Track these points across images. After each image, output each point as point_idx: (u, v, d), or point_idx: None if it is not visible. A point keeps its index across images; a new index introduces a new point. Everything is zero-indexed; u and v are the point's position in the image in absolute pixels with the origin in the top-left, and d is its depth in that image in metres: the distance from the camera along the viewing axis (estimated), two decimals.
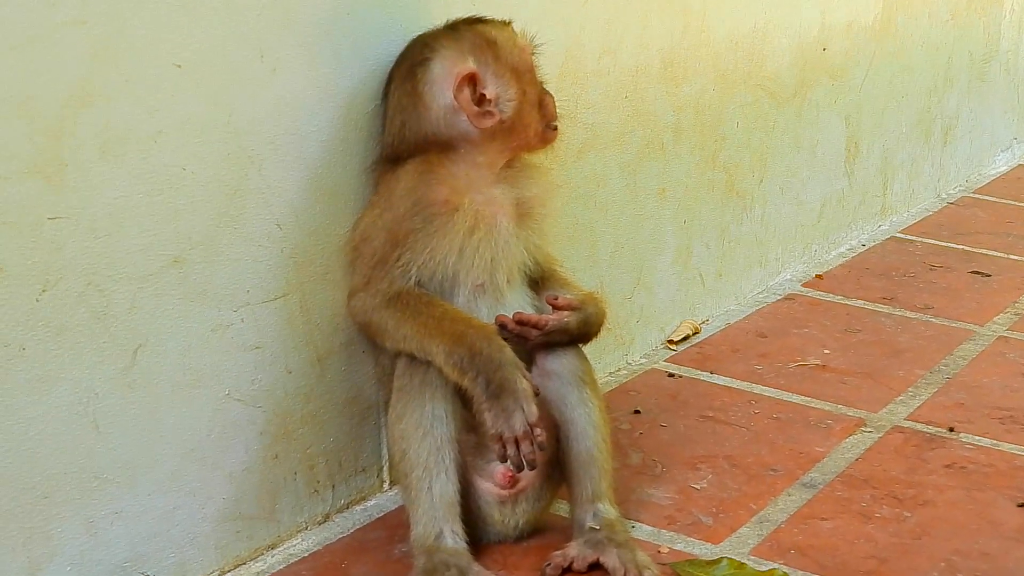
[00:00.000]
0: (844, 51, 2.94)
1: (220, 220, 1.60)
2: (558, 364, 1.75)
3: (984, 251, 3.12)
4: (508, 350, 1.64)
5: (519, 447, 1.61)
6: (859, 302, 2.76)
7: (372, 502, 1.89)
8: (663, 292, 2.46)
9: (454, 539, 1.66)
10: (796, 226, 2.88)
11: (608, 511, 1.74)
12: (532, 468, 1.64)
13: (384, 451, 1.89)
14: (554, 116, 1.77)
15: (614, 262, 2.31)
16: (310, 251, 1.73)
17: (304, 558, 1.75)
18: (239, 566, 1.72)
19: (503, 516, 1.74)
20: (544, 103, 1.76)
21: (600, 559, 1.71)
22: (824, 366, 2.43)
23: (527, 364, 1.69)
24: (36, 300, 1.42)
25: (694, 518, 1.88)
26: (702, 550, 1.80)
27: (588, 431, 1.74)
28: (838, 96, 2.95)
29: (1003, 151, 3.96)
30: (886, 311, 2.72)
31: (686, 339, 2.50)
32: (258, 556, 1.74)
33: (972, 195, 3.61)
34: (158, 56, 1.49)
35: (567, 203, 2.14)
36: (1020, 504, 1.95)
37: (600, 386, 1.82)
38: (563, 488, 1.79)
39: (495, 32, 1.72)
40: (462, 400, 1.67)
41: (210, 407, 1.64)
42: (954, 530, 1.87)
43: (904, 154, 3.32)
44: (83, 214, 1.45)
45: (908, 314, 2.70)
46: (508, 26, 1.75)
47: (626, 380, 2.33)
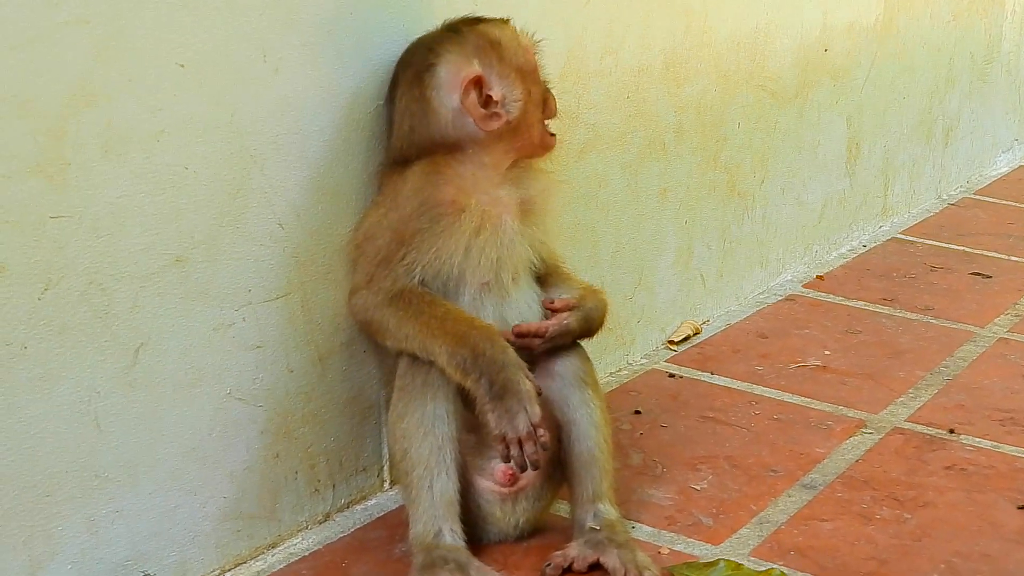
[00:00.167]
0: (846, 52, 2.94)
1: (222, 219, 1.60)
2: (560, 365, 1.75)
3: (985, 252, 3.12)
4: (511, 351, 1.64)
5: (522, 448, 1.61)
6: (860, 303, 2.76)
7: (373, 501, 1.89)
8: (664, 292, 2.46)
9: (453, 537, 1.66)
10: (797, 227, 2.88)
11: (609, 511, 1.75)
12: (535, 468, 1.64)
13: (385, 450, 1.89)
14: (554, 113, 1.77)
15: (615, 262, 2.31)
16: (312, 250, 1.73)
17: (304, 557, 1.75)
18: (240, 565, 1.72)
19: (504, 514, 1.75)
20: (547, 102, 1.76)
21: (600, 559, 1.71)
22: (825, 367, 2.43)
23: (530, 364, 1.69)
24: (38, 299, 1.42)
25: (694, 519, 1.88)
26: (702, 551, 1.80)
27: (589, 431, 1.74)
28: (839, 97, 2.95)
29: (1004, 152, 3.96)
30: (887, 312, 2.72)
31: (687, 339, 2.50)
32: (259, 555, 1.75)
33: (973, 196, 3.61)
34: (160, 55, 1.49)
35: (568, 203, 2.14)
36: (1020, 506, 1.95)
37: (601, 386, 1.82)
38: (564, 488, 1.79)
39: (497, 32, 1.72)
40: (463, 400, 1.67)
41: (211, 406, 1.64)
42: (954, 532, 1.87)
43: (905, 155, 3.32)
44: (85, 213, 1.45)
45: (909, 315, 2.70)
46: (509, 25, 1.75)
47: (627, 380, 2.33)
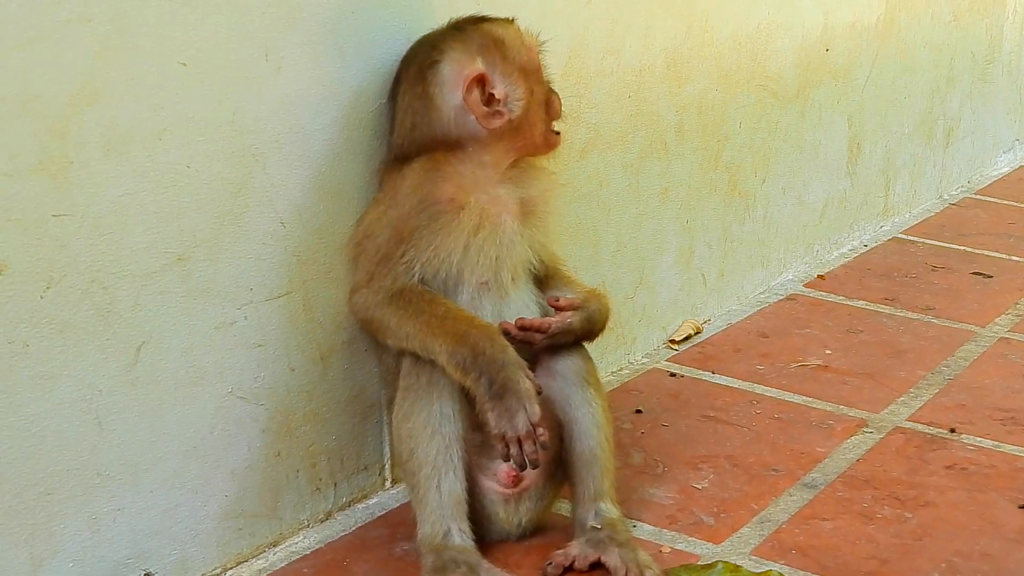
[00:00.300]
0: (847, 52, 2.94)
1: (224, 218, 1.61)
2: (562, 364, 1.75)
3: (986, 252, 3.12)
4: (511, 350, 1.64)
5: (522, 447, 1.61)
6: (861, 303, 2.76)
7: (374, 500, 1.89)
8: (665, 292, 2.46)
9: (462, 537, 1.66)
10: (798, 226, 2.88)
11: (610, 510, 1.75)
12: (535, 467, 1.64)
13: (386, 449, 1.89)
14: (559, 114, 1.77)
15: (616, 261, 2.31)
16: (313, 249, 1.73)
17: (306, 556, 1.76)
18: (241, 563, 1.72)
19: (507, 515, 1.75)
20: (551, 102, 1.76)
21: (601, 558, 1.71)
22: (826, 366, 2.43)
23: (531, 363, 1.69)
24: (40, 297, 1.42)
25: (695, 518, 1.89)
26: (703, 550, 1.80)
27: (591, 430, 1.75)
28: (841, 96, 2.95)
29: (1005, 152, 3.96)
30: (888, 312, 2.72)
31: (688, 339, 2.50)
32: (260, 553, 1.75)
33: (974, 196, 3.62)
34: (163, 54, 1.49)
35: (570, 202, 2.14)
36: (1021, 505, 1.95)
37: (603, 385, 1.82)
38: (565, 487, 1.79)
39: (501, 31, 1.72)
40: (468, 399, 1.67)
41: (213, 405, 1.64)
42: (955, 531, 1.88)
43: (906, 155, 3.32)
44: (87, 212, 1.45)
45: (910, 315, 2.70)
46: (513, 24, 1.75)
47: (628, 379, 2.33)
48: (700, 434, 2.14)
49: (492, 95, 1.68)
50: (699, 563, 1.76)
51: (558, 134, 1.78)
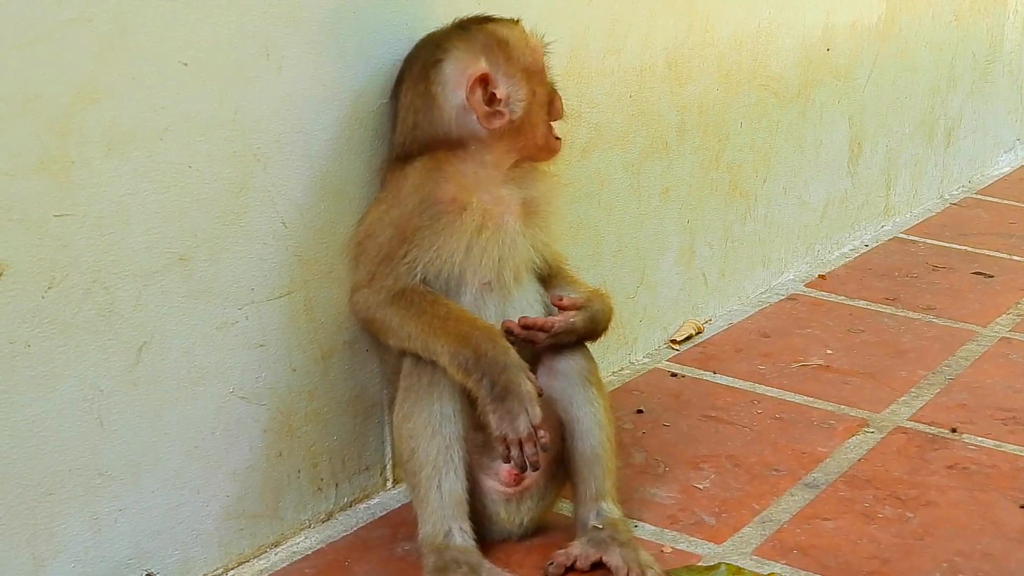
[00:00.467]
0: (848, 51, 2.94)
1: (225, 218, 1.61)
2: (564, 363, 1.75)
3: (987, 252, 3.12)
4: (512, 352, 1.64)
5: (523, 449, 1.61)
6: (862, 302, 2.76)
7: (375, 500, 1.89)
8: (666, 292, 2.46)
9: (463, 537, 1.66)
10: (799, 226, 2.88)
11: (611, 510, 1.75)
12: (535, 469, 1.64)
13: (387, 449, 1.89)
14: (560, 115, 1.77)
15: (617, 261, 2.31)
16: (315, 249, 1.73)
17: (307, 556, 1.76)
18: (242, 563, 1.72)
19: (509, 514, 1.74)
20: (553, 103, 1.76)
21: (603, 558, 1.71)
22: (827, 366, 2.43)
23: (533, 363, 1.69)
24: (42, 297, 1.42)
25: (697, 518, 1.88)
26: (705, 550, 1.80)
27: (593, 430, 1.74)
28: (842, 96, 2.95)
29: (1006, 152, 3.96)
30: (889, 311, 2.72)
31: (689, 339, 2.50)
32: (261, 554, 1.75)
33: (975, 196, 3.61)
34: (164, 54, 1.49)
35: (571, 202, 2.14)
36: (1022, 505, 1.95)
37: (605, 385, 1.82)
38: (566, 487, 1.79)
39: (506, 31, 1.72)
40: (468, 399, 1.66)
41: (214, 405, 1.64)
42: (956, 531, 1.88)
43: (907, 155, 3.32)
44: (89, 211, 1.45)
45: (911, 315, 2.70)
46: (518, 25, 1.75)
47: (629, 379, 2.33)
48: (701, 434, 2.14)
49: (494, 95, 1.68)
50: (701, 563, 1.76)
51: (559, 139, 1.77)
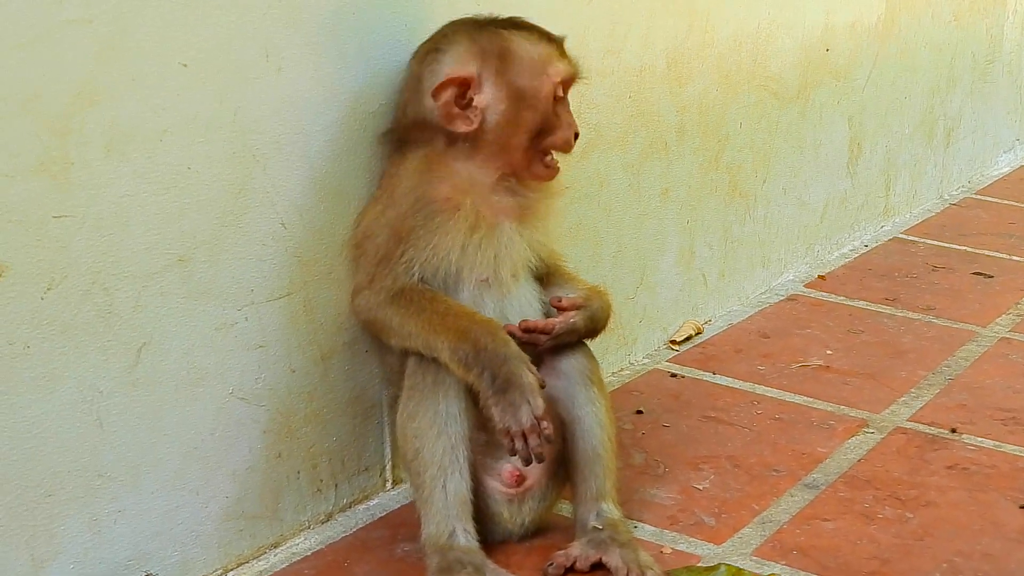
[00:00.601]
0: (847, 52, 2.94)
1: (225, 219, 1.60)
2: (566, 363, 1.75)
3: (986, 252, 3.12)
4: (512, 344, 1.63)
5: (527, 441, 1.61)
6: (861, 303, 2.76)
7: (375, 501, 1.89)
8: (666, 292, 2.46)
9: (467, 538, 1.66)
10: (799, 227, 2.88)
11: (611, 511, 1.75)
12: (540, 461, 1.63)
13: (387, 450, 1.89)
14: (559, 147, 1.72)
15: (617, 262, 2.31)
16: (314, 250, 1.73)
17: (307, 557, 1.75)
18: (242, 565, 1.72)
19: (511, 515, 1.74)
20: (554, 133, 1.70)
21: (603, 559, 1.71)
22: (826, 367, 2.43)
23: (535, 362, 1.69)
24: (41, 298, 1.42)
25: (697, 518, 1.88)
26: (705, 550, 1.80)
27: (594, 429, 1.74)
28: (841, 97, 2.95)
29: (1005, 152, 3.96)
30: (888, 312, 2.72)
31: (689, 339, 2.50)
32: (261, 555, 1.75)
33: (974, 196, 3.61)
34: (164, 55, 1.49)
35: (570, 203, 2.14)
36: (1022, 505, 1.95)
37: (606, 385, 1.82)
38: (567, 488, 1.79)
39: (519, 45, 1.67)
40: (473, 398, 1.66)
41: (214, 406, 1.64)
42: (956, 531, 1.87)
43: (907, 155, 3.32)
44: (88, 213, 1.45)
45: (910, 315, 2.70)
46: (545, 45, 1.69)
47: (629, 380, 2.33)
48: (701, 435, 2.14)
49: (471, 101, 1.66)
50: (700, 564, 1.76)
51: (548, 168, 1.72)
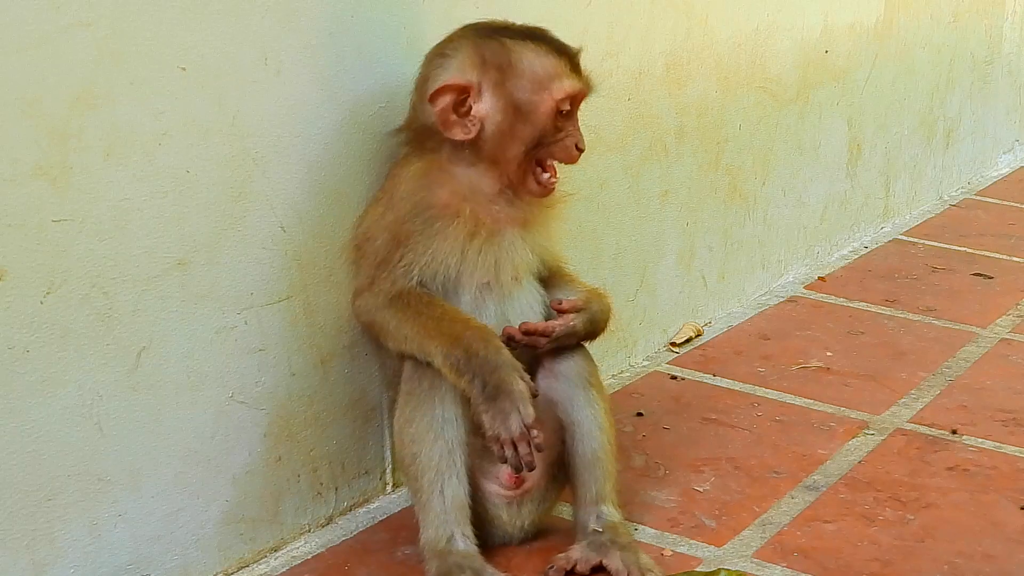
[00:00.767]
0: (846, 53, 2.94)
1: (224, 222, 1.60)
2: (565, 366, 1.75)
3: (986, 253, 3.12)
4: (505, 351, 1.63)
5: (517, 448, 1.61)
6: (861, 304, 2.76)
7: (375, 504, 1.89)
8: (666, 294, 2.46)
9: (465, 542, 1.66)
10: (798, 228, 2.88)
11: (611, 513, 1.74)
12: (530, 470, 1.63)
13: (387, 453, 1.89)
14: (565, 159, 1.71)
15: (617, 264, 2.31)
16: (314, 253, 1.73)
17: (307, 560, 1.75)
18: (242, 568, 1.72)
19: (510, 518, 1.74)
20: (549, 148, 1.68)
21: (603, 562, 1.71)
22: (827, 368, 2.43)
23: (534, 365, 1.69)
24: (40, 302, 1.42)
25: (697, 521, 1.88)
26: (705, 552, 1.80)
27: (594, 432, 1.74)
28: (840, 98, 2.95)
29: (1005, 153, 3.96)
30: (888, 313, 2.72)
31: (689, 341, 2.50)
32: (261, 558, 1.74)
33: (974, 197, 3.61)
34: (163, 59, 1.49)
35: (570, 206, 2.13)
36: (1023, 506, 1.95)
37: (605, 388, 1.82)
38: (566, 490, 1.79)
39: (525, 59, 1.65)
40: (469, 402, 1.66)
41: (213, 409, 1.64)
42: (957, 532, 1.87)
43: (906, 156, 3.32)
44: (88, 216, 1.45)
45: (910, 316, 2.70)
46: (555, 59, 1.66)
47: (629, 382, 2.33)
48: (701, 437, 2.14)
49: (469, 110, 1.65)
50: (701, 568, 1.76)
51: (542, 185, 1.71)
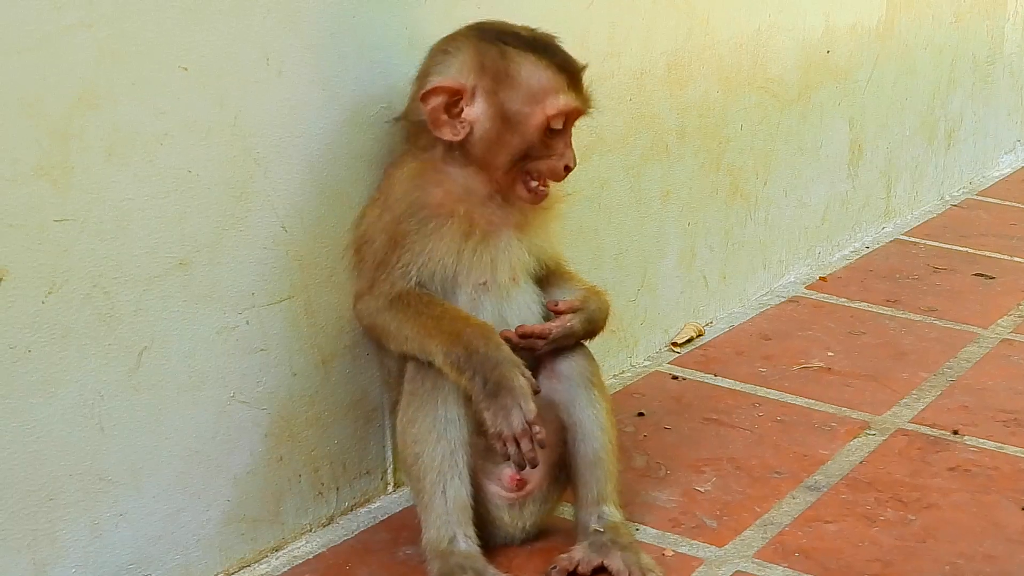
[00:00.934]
0: (848, 53, 2.94)
1: (225, 222, 1.60)
2: (566, 366, 1.75)
3: (988, 253, 3.12)
4: (505, 348, 1.63)
5: (519, 445, 1.61)
6: (863, 304, 2.76)
7: (376, 504, 1.89)
8: (667, 294, 2.46)
9: (467, 543, 1.66)
10: (800, 228, 2.88)
11: (613, 514, 1.74)
12: (534, 466, 1.63)
13: (388, 453, 1.89)
14: (554, 176, 1.70)
15: (618, 265, 2.31)
16: (315, 253, 1.73)
17: (308, 560, 1.75)
18: (243, 568, 1.72)
19: (512, 519, 1.74)
20: (540, 160, 1.67)
21: (605, 562, 1.70)
22: (828, 369, 2.43)
23: (535, 365, 1.69)
24: (42, 302, 1.42)
25: (698, 521, 1.88)
26: (706, 553, 1.80)
27: (595, 432, 1.74)
28: (842, 98, 2.95)
29: (1007, 153, 3.96)
30: (890, 313, 2.72)
31: (690, 341, 2.50)
32: (262, 558, 1.75)
33: (976, 197, 3.61)
34: (164, 59, 1.49)
35: (571, 206, 2.13)
36: None
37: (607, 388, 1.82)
38: (568, 491, 1.79)
39: (522, 70, 1.64)
40: (472, 403, 1.65)
41: (215, 409, 1.64)
42: (958, 533, 1.87)
43: (908, 156, 3.32)
44: (89, 216, 1.45)
45: (912, 316, 2.70)
46: (554, 74, 1.64)
47: (630, 383, 2.33)
48: (703, 437, 2.14)
49: (460, 112, 1.64)
50: (703, 567, 1.76)
51: (532, 192, 1.69)
